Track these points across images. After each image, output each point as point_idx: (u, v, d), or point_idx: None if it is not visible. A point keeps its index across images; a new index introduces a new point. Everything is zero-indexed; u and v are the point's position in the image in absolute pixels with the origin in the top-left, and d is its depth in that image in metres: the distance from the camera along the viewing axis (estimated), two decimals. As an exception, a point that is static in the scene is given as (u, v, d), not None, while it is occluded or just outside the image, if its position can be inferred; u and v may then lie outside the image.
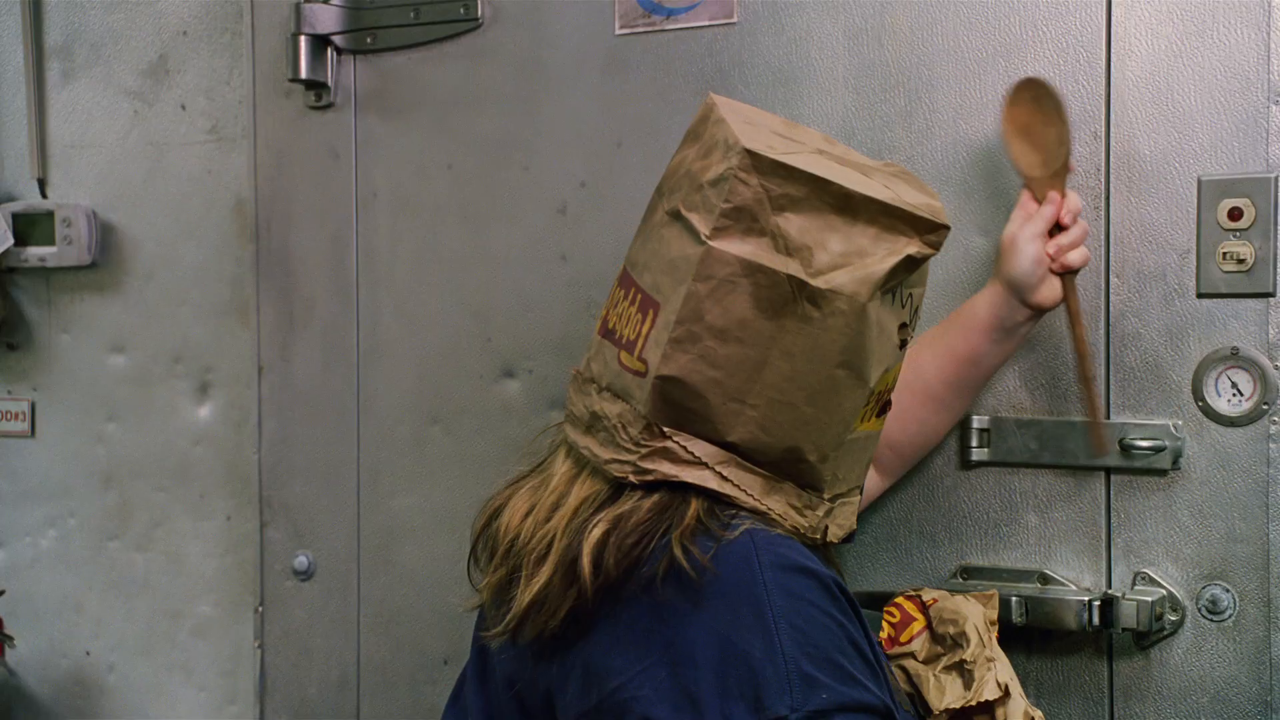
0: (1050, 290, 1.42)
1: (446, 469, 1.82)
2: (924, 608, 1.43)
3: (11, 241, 2.18)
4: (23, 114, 2.22)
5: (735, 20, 1.64)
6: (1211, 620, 1.45)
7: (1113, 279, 1.49)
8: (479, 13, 1.78)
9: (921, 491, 1.57)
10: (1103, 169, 1.49)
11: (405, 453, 1.84)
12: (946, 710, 1.35)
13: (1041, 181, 1.44)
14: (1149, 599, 1.44)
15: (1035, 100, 1.45)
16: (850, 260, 1.11)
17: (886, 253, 1.11)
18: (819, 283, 1.09)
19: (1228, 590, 1.44)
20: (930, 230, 1.13)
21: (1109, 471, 1.49)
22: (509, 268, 1.77)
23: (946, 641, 1.39)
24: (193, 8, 2.13)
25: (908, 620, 1.42)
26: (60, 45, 2.21)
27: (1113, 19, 1.49)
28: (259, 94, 1.92)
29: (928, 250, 1.14)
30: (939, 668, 1.37)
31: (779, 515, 1.14)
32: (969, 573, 1.55)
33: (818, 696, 1.02)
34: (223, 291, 2.11)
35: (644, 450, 1.12)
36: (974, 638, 1.36)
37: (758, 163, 1.09)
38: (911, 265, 1.13)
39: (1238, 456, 1.44)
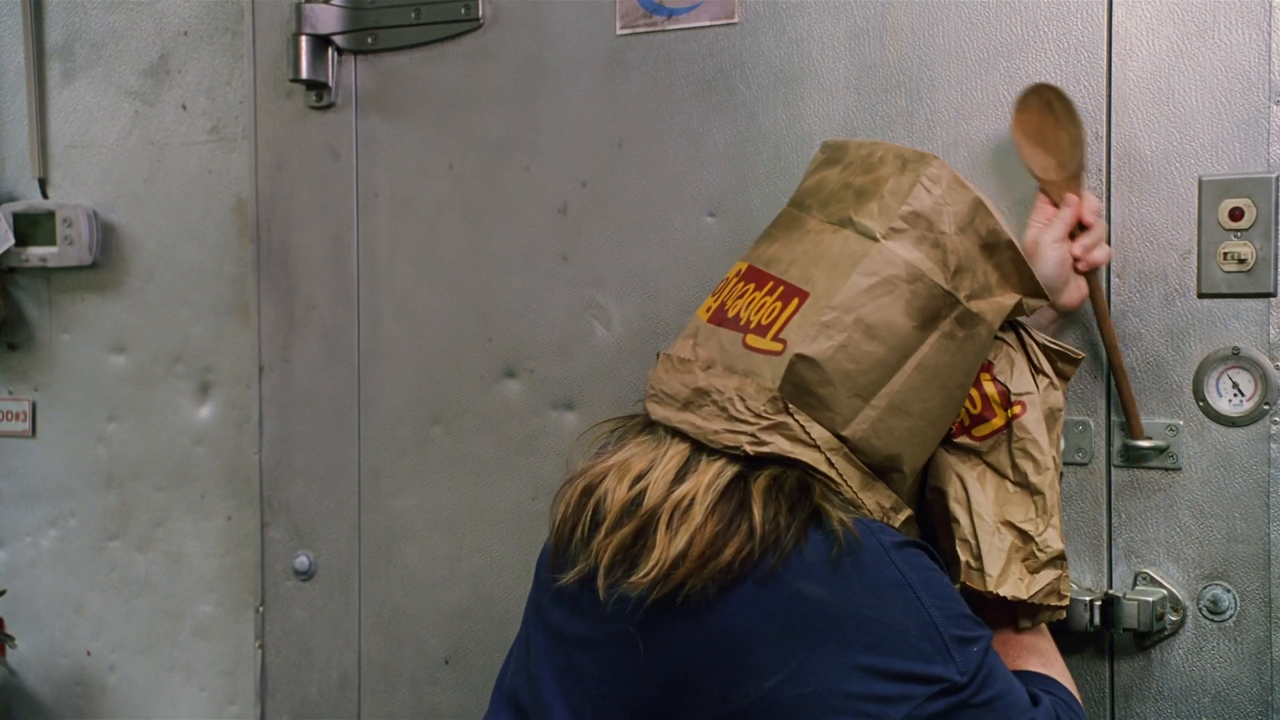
0: (1077, 291, 1.44)
1: (447, 469, 1.82)
2: (1008, 402, 1.28)
3: (12, 241, 2.18)
4: (23, 114, 2.22)
5: (736, 20, 1.64)
6: (1212, 620, 1.45)
7: (1114, 279, 1.49)
8: (480, 13, 1.78)
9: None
10: (1104, 169, 1.49)
11: (406, 453, 1.84)
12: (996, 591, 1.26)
13: (1057, 185, 1.45)
14: (1150, 599, 1.44)
15: (1045, 105, 1.46)
16: (984, 294, 1.21)
17: (1004, 295, 1.23)
18: (972, 306, 1.18)
19: (1229, 590, 1.44)
20: (1034, 294, 1.26)
21: (1110, 471, 1.49)
22: (510, 268, 1.77)
23: (1021, 483, 1.29)
24: (194, 8, 2.13)
25: (988, 415, 1.29)
26: (61, 45, 2.22)
27: (1114, 19, 1.49)
28: (260, 94, 1.92)
29: (1026, 311, 1.26)
30: (1000, 520, 1.27)
31: (869, 511, 1.18)
32: (970, 573, 1.55)
33: (971, 650, 1.10)
34: (223, 291, 2.11)
35: (764, 422, 1.14)
36: (1053, 504, 1.27)
37: (945, 173, 1.19)
38: (1018, 311, 1.25)
39: (1239, 456, 1.44)
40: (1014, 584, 1.25)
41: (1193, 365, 1.45)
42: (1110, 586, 1.49)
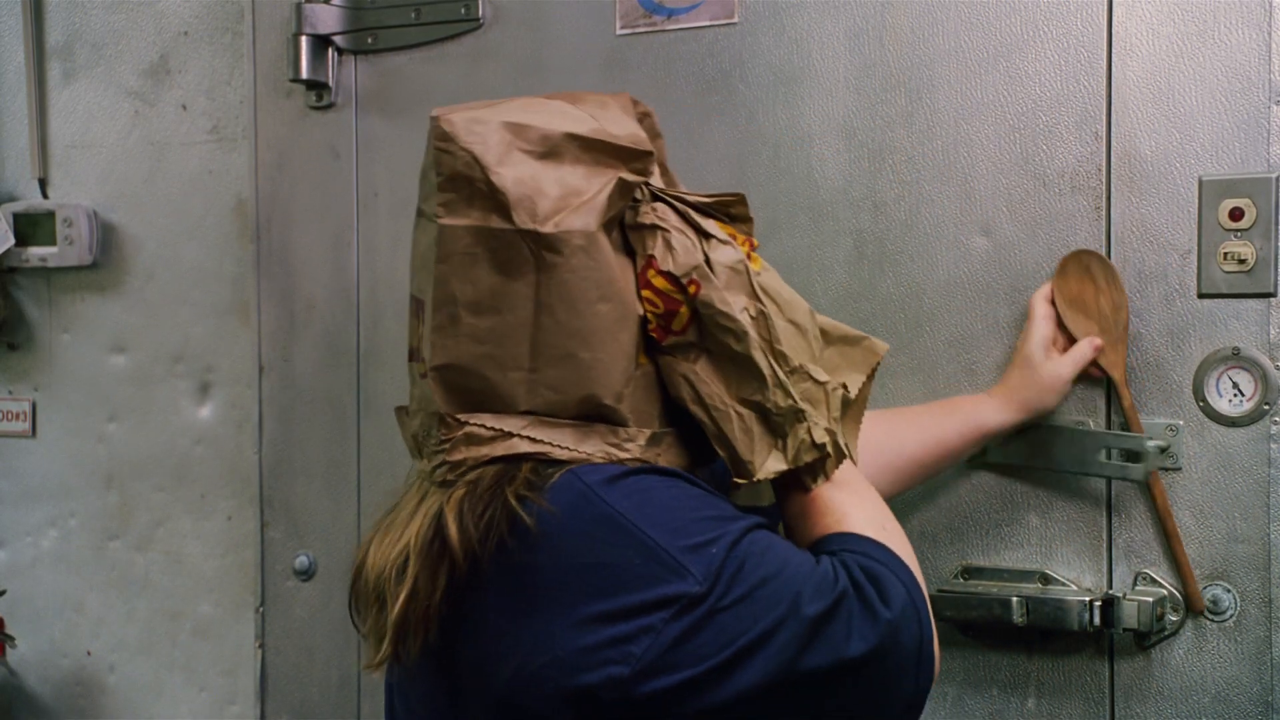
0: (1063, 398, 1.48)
1: (447, 469, 1.82)
2: (681, 287, 1.16)
3: (12, 241, 2.18)
4: (24, 114, 2.22)
5: (736, 20, 1.64)
6: (1213, 620, 1.45)
7: (1114, 279, 1.49)
8: (480, 13, 1.77)
9: (923, 492, 1.57)
10: (1104, 169, 1.49)
11: (406, 453, 1.83)
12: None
13: (1101, 349, 1.47)
14: (1150, 599, 1.44)
15: (1085, 270, 1.47)
16: (569, 201, 1.11)
17: (600, 184, 1.13)
18: (549, 229, 1.10)
19: (1229, 590, 1.44)
20: (635, 158, 1.15)
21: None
22: (510, 268, 1.77)
23: (731, 357, 1.17)
24: (194, 8, 2.13)
25: (672, 307, 1.16)
26: (61, 45, 2.21)
27: (1114, 19, 1.49)
28: (260, 94, 1.92)
29: (635, 177, 1.15)
30: (735, 400, 1.17)
31: (601, 457, 1.12)
32: (970, 573, 1.55)
33: (710, 553, 1.03)
34: (223, 291, 2.11)
35: (448, 445, 1.12)
36: (764, 366, 1.15)
37: (450, 126, 1.11)
38: (626, 190, 1.14)
39: (1239, 456, 1.44)
40: (774, 460, 1.16)
41: (1193, 365, 1.45)
42: (1110, 586, 1.49)
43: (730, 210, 1.22)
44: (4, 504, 2.27)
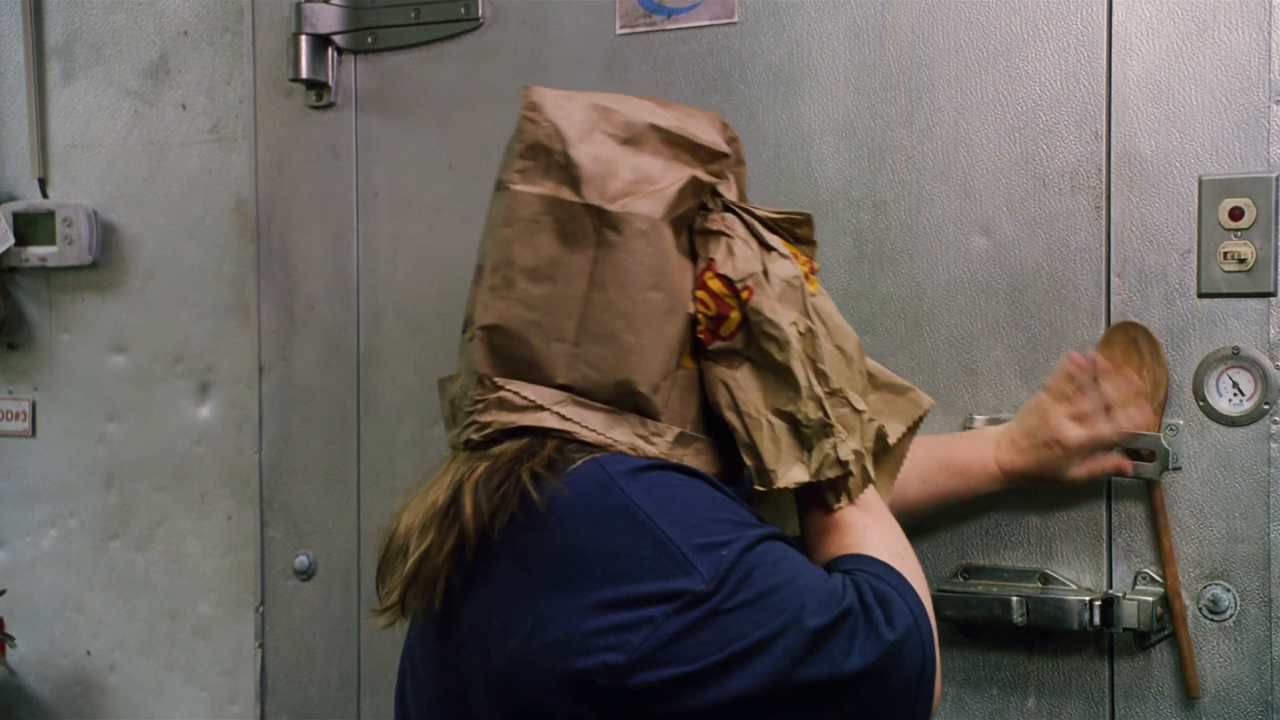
0: (1086, 468, 1.46)
1: (447, 469, 1.82)
2: (735, 291, 1.18)
3: (12, 241, 2.18)
4: (23, 114, 2.22)
5: (736, 20, 1.64)
6: (1212, 620, 1.45)
7: (1113, 278, 1.49)
8: (479, 12, 1.77)
9: (922, 491, 1.57)
10: (1104, 169, 1.49)
11: (406, 453, 1.84)
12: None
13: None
14: (1150, 599, 1.44)
15: (1131, 343, 1.46)
16: (640, 187, 1.15)
17: (674, 179, 1.16)
18: (615, 207, 1.13)
19: (1229, 590, 1.44)
20: (711, 159, 1.19)
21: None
22: (510, 267, 1.77)
23: (772, 367, 1.19)
24: (193, 7, 2.13)
25: (724, 311, 1.19)
26: (61, 45, 2.21)
27: (1114, 19, 1.49)
28: (260, 94, 1.92)
29: (709, 178, 1.18)
30: (770, 410, 1.18)
31: (628, 446, 1.13)
32: (970, 572, 1.55)
33: (721, 555, 1.04)
34: (223, 291, 2.11)
35: (480, 405, 1.14)
36: (801, 377, 1.17)
37: (540, 98, 1.16)
38: (699, 188, 1.17)
39: (1239, 456, 1.44)
40: (796, 470, 1.16)
41: (1193, 365, 1.45)
42: (1110, 586, 1.49)
43: (796, 230, 1.25)
44: (4, 504, 2.27)
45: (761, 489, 1.17)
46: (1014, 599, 1.47)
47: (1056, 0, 1.51)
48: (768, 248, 1.20)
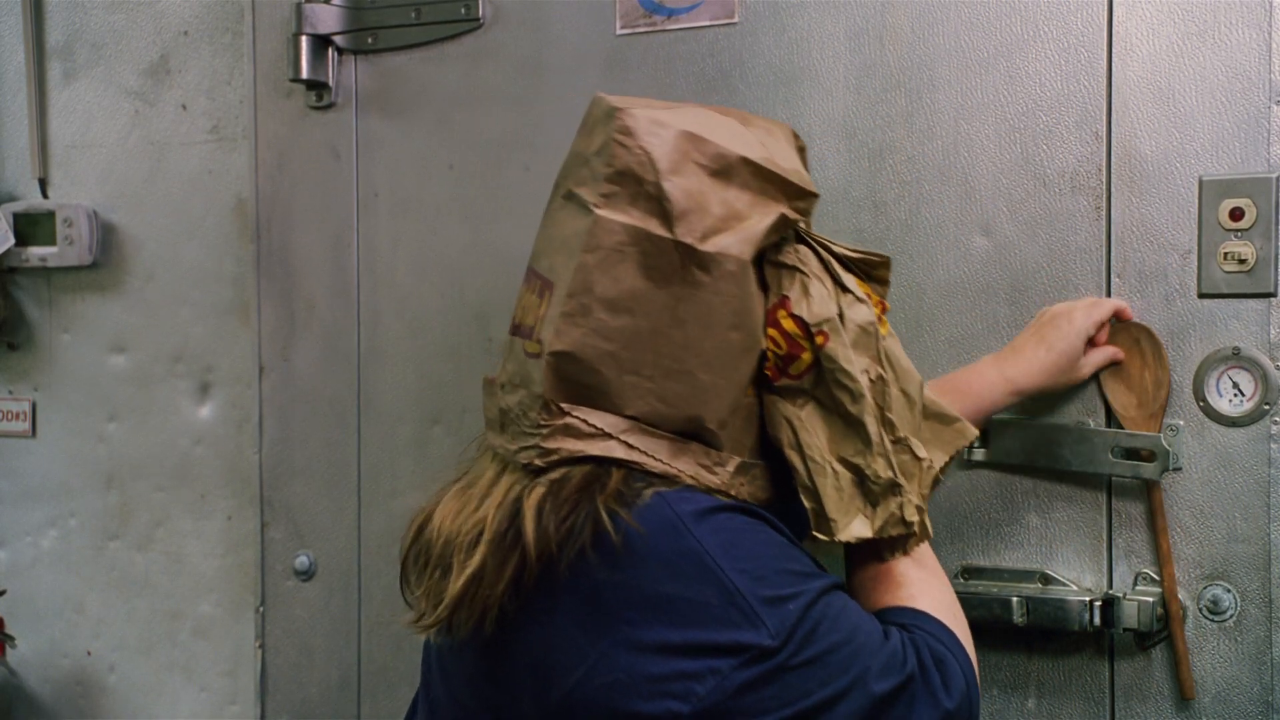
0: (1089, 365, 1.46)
1: (448, 469, 1.81)
2: (809, 334, 1.17)
3: (13, 241, 2.18)
4: (24, 114, 2.22)
5: (736, 20, 1.64)
6: (1212, 620, 1.45)
7: (1114, 279, 1.49)
8: (480, 13, 1.77)
9: (922, 491, 1.57)
10: (1104, 169, 1.49)
11: (406, 453, 1.84)
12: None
13: (1135, 421, 1.46)
14: (1150, 599, 1.44)
15: (1134, 342, 1.46)
16: (729, 224, 1.12)
17: (761, 215, 1.13)
18: (706, 247, 1.10)
19: (1229, 590, 1.44)
20: (799, 196, 1.16)
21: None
22: (510, 268, 1.77)
23: (844, 415, 1.19)
24: (194, 8, 2.13)
25: (795, 352, 1.18)
26: (61, 45, 2.21)
27: (1114, 19, 1.49)
28: (260, 94, 1.92)
29: (796, 216, 1.16)
30: (835, 457, 1.18)
31: (690, 476, 1.13)
32: (970, 573, 1.55)
33: (787, 609, 1.04)
34: (223, 291, 2.11)
35: (544, 431, 1.11)
36: (873, 431, 1.17)
37: (633, 122, 1.11)
38: (785, 225, 1.15)
39: (1239, 457, 1.44)
40: (859, 524, 1.17)
41: (1193, 365, 1.45)
42: (1110, 586, 1.49)
43: (873, 271, 1.24)
44: (4, 504, 2.27)
45: (820, 536, 1.17)
46: (1014, 599, 1.47)
47: (1056, 0, 1.51)
48: (843, 288, 1.19)
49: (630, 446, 1.11)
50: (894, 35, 1.58)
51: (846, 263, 1.21)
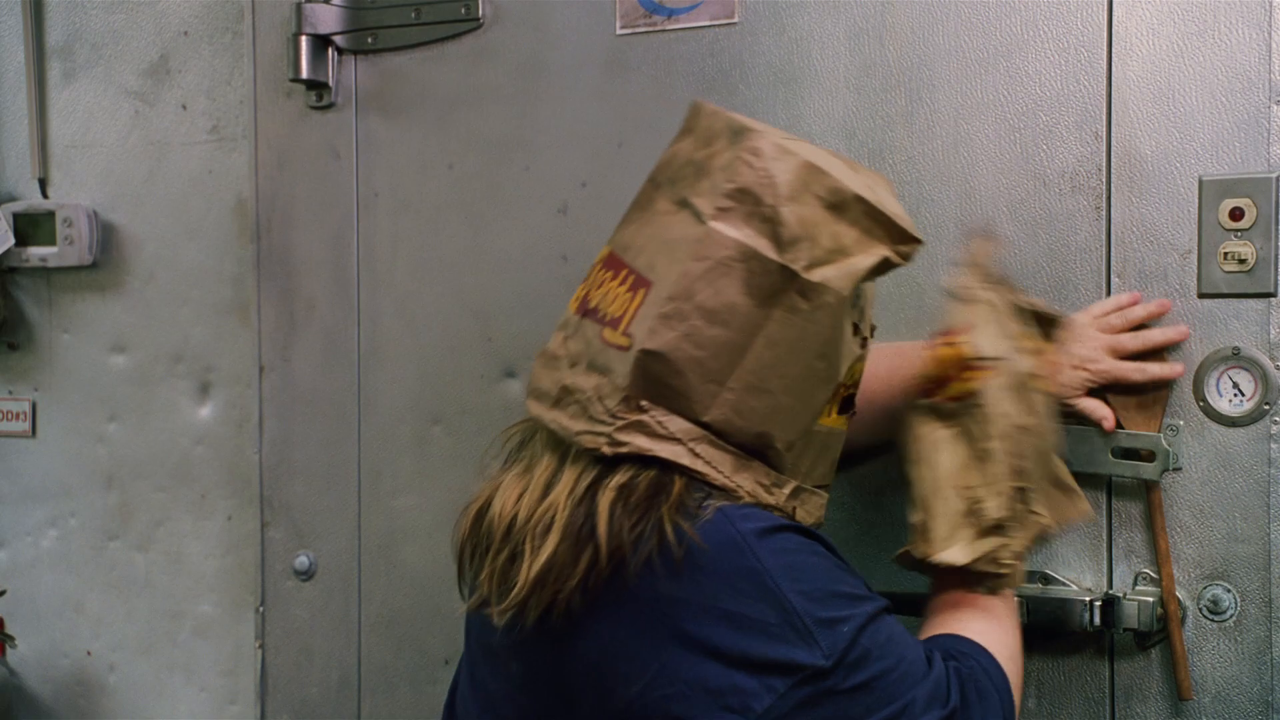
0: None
1: (448, 469, 1.82)
2: (970, 366, 1.24)
3: (12, 241, 2.18)
4: (24, 114, 2.22)
5: (736, 20, 1.64)
6: (1213, 620, 1.45)
7: (1114, 279, 1.49)
8: (480, 13, 1.78)
9: (922, 491, 1.57)
10: (1104, 169, 1.49)
11: (406, 453, 1.84)
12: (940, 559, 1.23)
13: (1135, 421, 1.46)
14: (1150, 599, 1.44)
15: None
16: (835, 257, 1.16)
17: (865, 253, 1.17)
18: (812, 276, 1.14)
19: (1229, 590, 1.44)
20: (903, 240, 1.19)
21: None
22: (510, 268, 1.77)
23: (978, 449, 1.24)
24: (194, 8, 2.13)
25: (949, 378, 1.24)
26: (61, 45, 2.22)
27: (1114, 19, 1.49)
28: (260, 94, 1.92)
29: (898, 260, 1.19)
30: (957, 484, 1.23)
31: (748, 493, 1.16)
32: (970, 573, 1.55)
33: (840, 631, 1.08)
34: (223, 291, 2.11)
35: (620, 423, 1.13)
36: (1002, 471, 1.22)
37: (763, 144, 1.14)
38: (885, 268, 1.19)
39: (1239, 456, 1.44)
40: (957, 551, 1.22)
41: (1193, 365, 1.45)
42: (1110, 586, 1.49)
43: (1048, 327, 1.31)
44: (4, 504, 2.27)
45: (913, 552, 1.23)
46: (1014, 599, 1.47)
47: (1056, 0, 1.51)
48: (1014, 334, 1.25)
49: (696, 455, 1.14)
50: (894, 35, 1.58)
51: (1026, 311, 1.29)
